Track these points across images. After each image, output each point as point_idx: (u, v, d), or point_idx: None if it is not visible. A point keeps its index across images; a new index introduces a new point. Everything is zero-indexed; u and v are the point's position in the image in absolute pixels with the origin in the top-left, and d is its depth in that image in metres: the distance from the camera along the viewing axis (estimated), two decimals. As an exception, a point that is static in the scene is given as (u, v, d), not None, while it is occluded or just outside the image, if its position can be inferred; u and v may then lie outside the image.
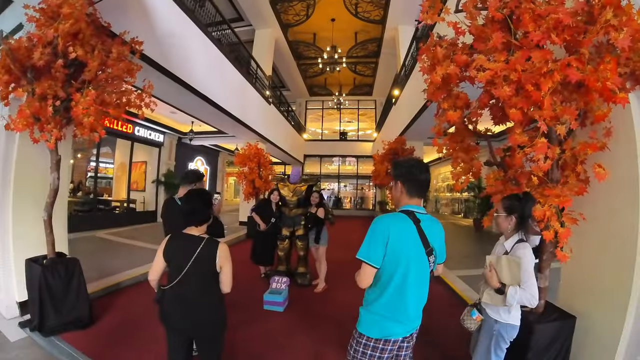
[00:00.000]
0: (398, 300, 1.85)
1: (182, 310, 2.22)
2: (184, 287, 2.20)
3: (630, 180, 2.63)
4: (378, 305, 1.89)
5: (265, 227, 5.90)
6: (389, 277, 1.83)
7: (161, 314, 2.28)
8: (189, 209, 2.30)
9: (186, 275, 2.17)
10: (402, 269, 1.81)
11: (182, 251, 2.22)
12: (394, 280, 1.83)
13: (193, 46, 6.96)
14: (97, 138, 3.61)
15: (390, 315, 1.87)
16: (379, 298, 1.88)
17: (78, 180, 11.50)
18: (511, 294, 2.18)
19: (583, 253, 2.96)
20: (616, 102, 2.19)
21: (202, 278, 2.24)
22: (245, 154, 9.77)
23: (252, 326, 4.11)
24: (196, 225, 2.29)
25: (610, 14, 2.07)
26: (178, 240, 2.29)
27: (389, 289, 1.84)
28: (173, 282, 2.20)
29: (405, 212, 1.89)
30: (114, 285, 5.08)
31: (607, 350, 2.72)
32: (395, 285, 1.83)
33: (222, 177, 20.31)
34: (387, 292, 1.84)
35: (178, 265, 2.20)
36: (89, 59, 3.32)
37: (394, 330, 1.88)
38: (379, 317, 1.89)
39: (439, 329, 4.09)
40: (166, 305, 2.26)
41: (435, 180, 22.57)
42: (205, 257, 2.20)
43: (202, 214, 2.30)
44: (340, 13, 12.69)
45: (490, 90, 2.47)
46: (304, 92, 22.32)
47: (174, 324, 2.26)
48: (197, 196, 2.34)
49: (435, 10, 2.68)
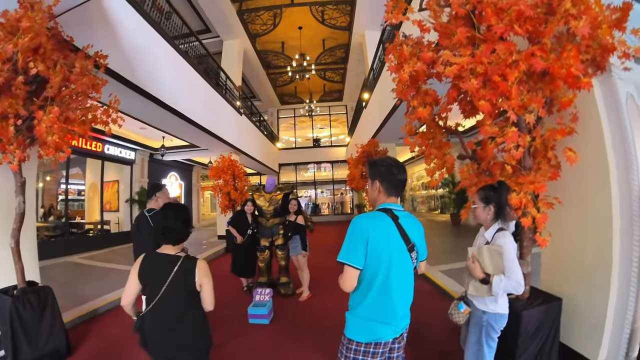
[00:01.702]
0: (384, 300, 1.80)
1: (163, 334, 2.12)
2: (163, 309, 2.09)
3: (600, 161, 2.76)
4: (363, 308, 1.83)
5: (242, 240, 5.81)
6: (372, 277, 1.79)
7: (142, 340, 2.16)
8: (164, 227, 2.17)
9: (164, 297, 2.07)
10: (385, 268, 1.77)
11: (158, 272, 2.11)
12: (377, 280, 1.78)
13: (160, 59, 6.84)
14: (63, 158, 3.46)
15: (377, 318, 1.82)
16: (363, 300, 1.83)
17: (49, 204, 11.03)
18: (496, 283, 2.19)
19: (561, 236, 3.06)
20: (580, 87, 2.26)
21: (181, 299, 2.13)
22: (219, 166, 9.64)
23: (238, 341, 4.02)
24: (172, 244, 2.18)
25: (569, 3, 2.15)
26: (153, 260, 2.17)
27: (373, 289, 1.79)
28: (151, 305, 2.10)
29: (383, 209, 1.87)
30: (90, 312, 4.86)
31: (595, 327, 2.81)
32: (379, 285, 1.78)
33: (197, 191, 19.93)
34: (372, 293, 1.80)
35: (155, 287, 2.09)
36: (50, 74, 3.18)
37: (382, 333, 1.82)
38: (366, 320, 1.84)
39: (429, 326, 4.13)
40: (146, 331, 2.14)
41: (410, 179, 22.93)
42: (182, 277, 2.10)
43: (178, 233, 2.19)
44: (308, 21, 12.80)
45: (458, 84, 2.53)
46: (275, 101, 22.32)
47: (156, 350, 2.15)
48: (173, 213, 2.20)
49: (399, 10, 2.72)
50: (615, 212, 2.71)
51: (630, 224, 2.70)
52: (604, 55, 2.39)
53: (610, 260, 2.71)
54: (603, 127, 2.77)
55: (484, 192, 2.43)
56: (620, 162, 2.74)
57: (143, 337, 2.15)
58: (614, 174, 2.73)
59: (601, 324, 2.77)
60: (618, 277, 2.73)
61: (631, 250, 2.70)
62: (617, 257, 2.72)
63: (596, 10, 2.23)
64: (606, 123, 2.78)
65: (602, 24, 2.24)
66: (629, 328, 2.74)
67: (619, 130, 2.75)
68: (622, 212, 2.72)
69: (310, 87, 20.32)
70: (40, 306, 3.52)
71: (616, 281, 2.73)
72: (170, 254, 2.16)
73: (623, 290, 2.73)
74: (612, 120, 2.78)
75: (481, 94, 2.39)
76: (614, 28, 2.27)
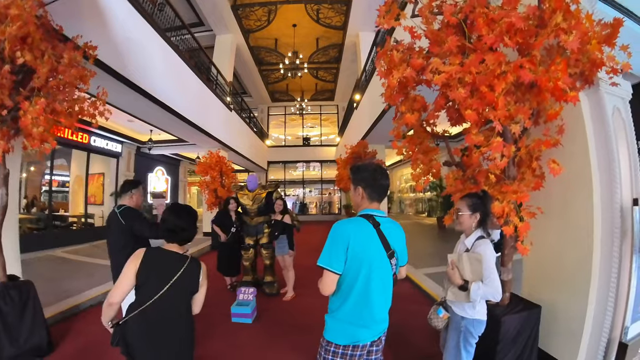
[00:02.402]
0: (363, 305, 1.85)
1: (155, 337, 2.04)
2: (164, 309, 2.01)
3: (584, 174, 2.82)
4: (343, 312, 1.88)
5: (226, 238, 5.80)
6: (352, 282, 1.83)
7: (125, 349, 2.01)
8: (177, 226, 2.13)
9: (166, 296, 2.00)
10: (365, 274, 1.82)
11: (163, 269, 2.06)
12: (357, 286, 1.83)
13: (151, 52, 6.76)
14: (48, 150, 3.39)
15: (356, 321, 1.87)
16: (343, 304, 1.87)
17: (32, 195, 10.78)
18: (474, 290, 2.22)
19: (543, 245, 3.11)
20: (567, 100, 2.31)
21: (183, 299, 2.11)
22: (206, 162, 9.56)
23: (220, 340, 4.01)
24: (180, 243, 2.16)
25: (560, 17, 2.19)
26: (157, 256, 2.10)
27: (353, 294, 1.84)
28: (146, 305, 1.99)
29: (364, 216, 1.90)
30: (72, 308, 4.77)
31: (574, 334, 2.87)
32: (358, 290, 1.83)
33: (184, 187, 19.76)
34: (351, 297, 1.84)
35: (155, 285, 2.01)
36: (38, 64, 3.11)
37: (361, 336, 1.87)
38: (345, 323, 1.88)
39: (410, 329, 4.17)
40: (135, 336, 2.01)
41: (399, 181, 23.09)
42: (188, 276, 2.08)
43: (189, 233, 2.18)
44: (302, 19, 12.75)
45: (445, 93, 2.56)
46: (266, 98, 22.22)
47: (142, 356, 2.02)
48: (187, 213, 2.19)
49: (391, 15, 2.73)
50: (597, 224, 2.77)
51: (610, 235, 2.77)
52: (592, 70, 2.44)
53: (590, 270, 2.77)
54: (588, 139, 2.82)
55: (471, 200, 2.45)
56: (604, 174, 2.80)
57: (127, 344, 2.02)
58: (597, 186, 2.79)
59: (579, 331, 2.83)
60: (597, 286, 2.79)
61: (611, 261, 2.77)
62: (597, 268, 2.78)
63: (587, 26, 2.27)
64: (592, 136, 2.84)
65: (591, 39, 2.29)
66: (607, 337, 2.81)
67: (604, 143, 2.81)
68: (603, 223, 2.78)
69: (302, 86, 20.28)
70: (21, 301, 3.43)
71: (595, 290, 2.79)
72: (178, 252, 2.14)
73: (601, 299, 2.80)
74: (598, 133, 2.84)
75: (468, 103, 2.42)
76: (604, 44, 2.32)
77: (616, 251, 2.76)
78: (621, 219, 2.76)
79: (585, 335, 2.83)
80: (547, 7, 2.33)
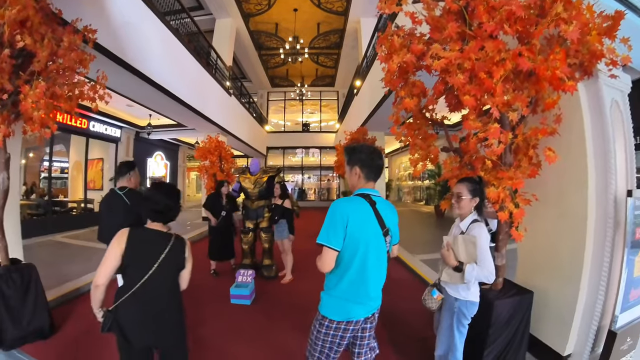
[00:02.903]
0: (359, 282, 1.92)
1: (148, 317, 2.05)
2: (154, 288, 2.03)
3: (580, 164, 2.86)
4: (340, 289, 1.95)
5: (216, 222, 5.85)
6: (350, 259, 1.89)
7: (120, 333, 2.01)
8: (168, 205, 2.14)
9: (155, 276, 2.02)
10: (362, 251, 1.89)
11: (149, 249, 2.07)
12: (354, 263, 1.89)
13: (150, 36, 6.70)
14: (49, 134, 3.39)
15: (352, 298, 1.94)
16: (340, 281, 1.94)
17: (31, 181, 10.78)
18: (469, 271, 2.28)
19: (537, 232, 3.17)
20: (565, 90, 2.33)
21: (170, 276, 2.14)
22: (205, 147, 9.57)
23: (219, 321, 4.09)
24: (164, 222, 2.17)
25: (560, 7, 2.20)
26: (142, 236, 2.10)
27: (350, 271, 1.90)
28: (136, 287, 2.00)
29: (361, 195, 1.98)
30: (73, 291, 4.82)
31: (564, 321, 2.94)
32: (356, 267, 1.90)
33: (183, 172, 19.78)
34: (348, 274, 1.91)
35: (143, 265, 2.02)
36: (38, 48, 3.10)
37: (356, 312, 1.95)
38: (341, 300, 1.96)
39: (405, 312, 4.25)
40: (127, 320, 2.01)
41: (397, 169, 23.12)
42: (175, 254, 2.11)
43: (175, 212, 2.20)
44: (303, 3, 12.60)
45: (445, 78, 2.58)
46: (265, 83, 22.07)
47: (138, 338, 2.04)
48: (175, 193, 2.21)
49: (393, 1, 2.73)
50: (591, 213, 2.82)
51: (604, 225, 2.82)
52: (591, 61, 2.46)
53: (583, 258, 2.83)
54: (585, 130, 2.85)
55: (471, 184, 2.48)
56: (599, 165, 2.83)
57: (121, 328, 2.01)
58: (592, 176, 2.83)
59: (570, 318, 2.90)
60: (589, 274, 2.85)
61: (603, 250, 2.82)
62: (590, 256, 2.84)
63: (587, 17, 2.28)
64: (589, 126, 2.87)
65: (592, 30, 2.30)
66: (597, 324, 2.88)
67: (601, 134, 2.83)
68: (597, 213, 2.83)
69: (302, 71, 20.13)
70: (23, 284, 3.47)
71: (587, 279, 2.85)
72: (162, 230, 2.15)
73: (593, 287, 2.86)
74: (595, 124, 2.86)
75: (467, 89, 2.44)
76: (604, 36, 2.33)
77: (609, 241, 2.81)
78: (615, 210, 2.80)
79: (576, 322, 2.90)
80: (548, -3, 2.33)
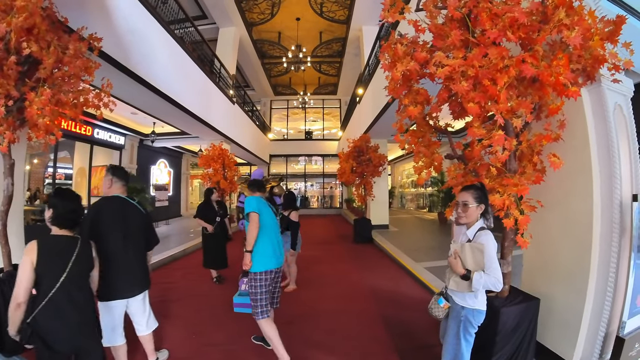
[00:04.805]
0: (270, 243, 3.31)
1: (69, 324, 2.08)
2: (70, 292, 2.10)
3: (584, 169, 2.84)
4: (262, 249, 3.24)
5: (212, 229, 5.85)
6: (264, 229, 3.28)
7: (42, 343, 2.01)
8: (73, 210, 2.22)
9: (68, 280, 2.07)
10: (269, 224, 3.34)
11: (59, 255, 2.11)
12: (267, 231, 3.31)
13: (155, 44, 6.76)
14: (53, 141, 3.42)
15: (269, 253, 3.27)
16: (261, 244, 3.25)
17: (35, 187, 10.81)
18: (476, 279, 2.25)
19: (543, 238, 3.16)
20: (568, 95, 2.33)
21: (84, 278, 2.24)
22: (209, 155, 9.61)
23: (223, 330, 4.10)
24: (72, 227, 2.25)
25: (563, 13, 2.22)
26: (52, 244, 2.16)
27: (266, 236, 3.29)
28: (52, 292, 2.02)
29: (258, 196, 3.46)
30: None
31: (571, 327, 2.91)
32: (268, 234, 3.32)
33: (187, 179, 19.82)
34: (265, 238, 3.28)
35: (56, 272, 2.05)
36: (44, 55, 3.13)
37: (272, 264, 3.27)
38: (264, 257, 3.24)
39: (412, 320, 4.23)
40: (49, 328, 2.02)
41: (400, 176, 23.12)
42: (84, 256, 2.21)
43: (80, 215, 2.29)
44: (306, 12, 12.72)
45: (448, 86, 2.59)
46: (268, 91, 22.20)
47: (62, 345, 2.07)
48: (76, 197, 2.29)
49: (396, 9, 2.75)
50: (596, 218, 2.79)
51: (610, 230, 2.79)
52: (594, 66, 2.47)
53: (589, 264, 2.80)
54: (589, 135, 2.84)
55: (475, 192, 2.46)
56: (604, 170, 2.82)
57: (43, 339, 2.00)
58: (597, 182, 2.81)
59: (577, 325, 2.86)
60: (596, 280, 2.82)
61: (609, 256, 2.79)
62: (596, 262, 2.81)
63: (589, 22, 2.29)
64: (592, 131, 2.86)
65: (594, 35, 2.31)
66: (604, 330, 2.84)
67: (604, 139, 2.82)
68: (602, 218, 2.81)
69: (305, 79, 20.29)
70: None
71: (594, 285, 2.82)
72: (69, 235, 2.23)
73: (600, 293, 2.83)
74: (599, 129, 2.86)
75: (471, 96, 2.44)
76: (606, 40, 2.34)
77: (615, 246, 2.78)
78: (620, 215, 2.78)
79: (583, 328, 2.86)
80: (550, 3, 2.35)
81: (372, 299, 5.09)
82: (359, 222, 10.64)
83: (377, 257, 8.21)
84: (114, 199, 2.90)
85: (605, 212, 2.81)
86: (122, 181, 3.00)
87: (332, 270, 6.78)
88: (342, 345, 3.68)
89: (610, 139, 2.80)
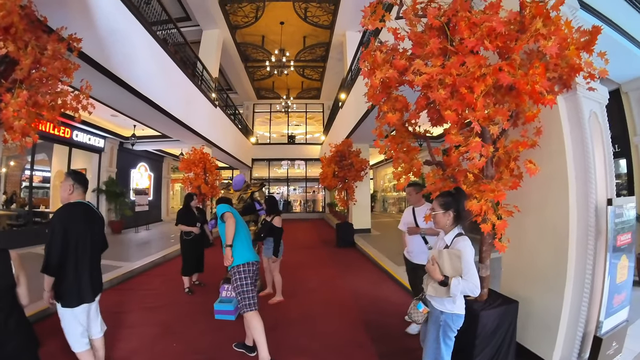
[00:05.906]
0: (244, 239, 3.53)
1: None
2: None
3: (560, 174, 2.93)
4: (240, 243, 3.46)
5: (198, 230, 5.85)
6: (240, 228, 3.53)
7: None
8: None
9: None
10: (240, 225, 3.57)
11: None
12: (241, 230, 3.55)
13: (137, 46, 6.67)
14: (30, 144, 3.33)
15: (246, 247, 3.50)
16: (238, 241, 3.45)
17: (11, 190, 10.49)
18: (454, 285, 2.28)
19: (521, 242, 3.23)
20: (544, 103, 2.39)
21: (3, 298, 1.96)
22: (190, 159, 9.47)
23: (204, 337, 4.04)
24: None
25: (540, 23, 2.28)
26: None
27: (241, 235, 3.51)
28: None
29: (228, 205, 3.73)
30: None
31: (550, 329, 2.98)
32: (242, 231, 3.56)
33: (167, 183, 19.50)
34: (241, 236, 3.50)
35: None
36: (21, 55, 3.06)
37: (251, 256, 3.49)
38: (242, 250, 3.45)
39: (394, 324, 4.26)
40: None
41: (382, 180, 23.31)
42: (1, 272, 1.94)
43: None
44: (290, 17, 12.72)
45: (427, 93, 2.62)
46: (251, 95, 22.09)
47: None
48: None
49: (376, 17, 2.78)
50: (573, 223, 2.88)
51: (585, 233, 2.88)
52: (570, 75, 2.54)
53: (566, 266, 2.88)
54: (565, 141, 2.93)
55: (442, 198, 2.51)
56: (580, 175, 2.91)
57: None
58: (573, 187, 2.90)
59: (556, 326, 2.94)
60: (573, 282, 2.91)
61: (585, 259, 2.89)
62: (573, 264, 2.89)
63: (566, 32, 2.36)
64: (568, 138, 2.94)
65: (570, 45, 2.38)
66: (582, 331, 2.94)
67: (580, 146, 2.91)
68: (579, 222, 2.89)
69: (288, 83, 20.27)
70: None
71: (571, 286, 2.91)
72: None
73: (577, 295, 2.92)
74: (575, 136, 2.94)
75: (448, 104, 2.49)
76: (582, 50, 2.42)
77: (591, 249, 2.87)
78: (596, 218, 2.87)
79: (562, 329, 2.94)
80: (528, 13, 2.42)
81: (355, 304, 5.11)
82: (341, 226, 10.70)
83: (359, 261, 8.24)
84: (78, 205, 2.83)
85: (581, 216, 2.90)
86: (83, 187, 2.92)
87: (315, 274, 6.79)
88: (325, 350, 3.67)
89: (586, 145, 2.89)
